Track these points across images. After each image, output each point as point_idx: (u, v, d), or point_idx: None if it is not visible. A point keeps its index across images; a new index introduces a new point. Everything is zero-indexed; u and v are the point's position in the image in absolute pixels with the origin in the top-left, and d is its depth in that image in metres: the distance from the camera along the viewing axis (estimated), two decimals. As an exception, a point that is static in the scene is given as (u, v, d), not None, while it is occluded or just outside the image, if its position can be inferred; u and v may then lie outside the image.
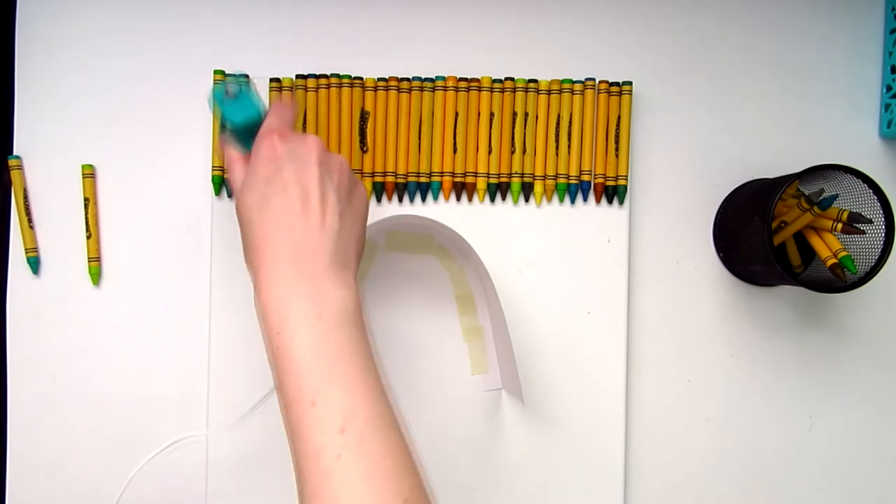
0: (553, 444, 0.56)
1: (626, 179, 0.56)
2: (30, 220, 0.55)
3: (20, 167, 0.55)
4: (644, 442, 0.57)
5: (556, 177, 0.56)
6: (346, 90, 0.55)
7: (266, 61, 0.56)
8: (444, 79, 0.56)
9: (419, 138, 0.56)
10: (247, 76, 0.55)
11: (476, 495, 0.56)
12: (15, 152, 0.56)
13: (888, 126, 0.57)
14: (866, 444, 0.57)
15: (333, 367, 0.36)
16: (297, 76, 0.56)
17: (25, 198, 0.55)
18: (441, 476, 0.56)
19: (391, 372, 0.56)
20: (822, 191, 0.52)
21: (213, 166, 0.55)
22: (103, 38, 0.56)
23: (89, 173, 0.56)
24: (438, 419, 0.56)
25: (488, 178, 0.56)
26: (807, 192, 0.52)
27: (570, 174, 0.56)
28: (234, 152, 0.45)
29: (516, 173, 0.56)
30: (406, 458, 0.36)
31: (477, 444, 0.56)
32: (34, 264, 0.55)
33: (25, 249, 0.55)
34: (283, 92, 0.55)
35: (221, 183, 0.55)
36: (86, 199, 0.56)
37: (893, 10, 0.57)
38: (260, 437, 0.55)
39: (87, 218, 0.56)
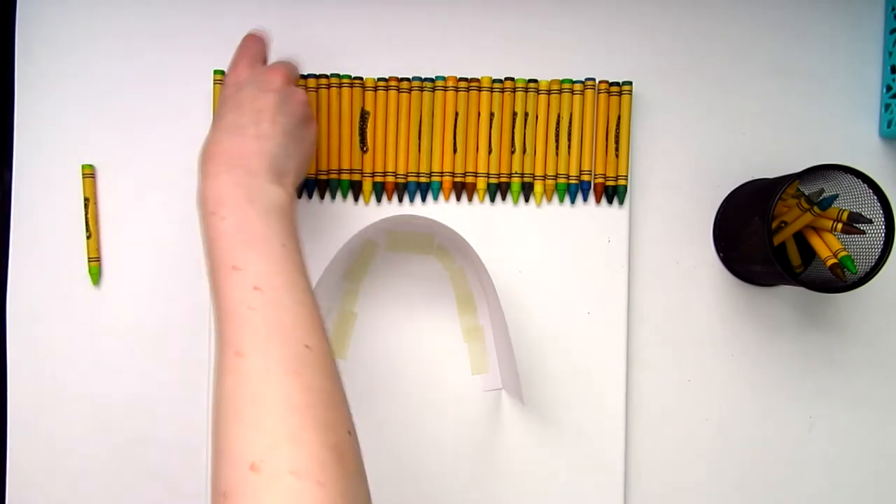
0: (553, 444, 0.56)
1: (626, 179, 0.56)
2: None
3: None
4: (644, 442, 0.57)
5: (556, 177, 0.56)
6: (346, 90, 0.55)
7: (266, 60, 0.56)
8: (444, 79, 0.56)
9: (419, 138, 0.56)
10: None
11: (476, 495, 0.56)
12: (15, 152, 0.56)
13: (888, 126, 0.57)
14: (866, 443, 0.57)
15: (255, 241, 0.42)
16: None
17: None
18: (441, 476, 0.56)
19: (391, 372, 0.56)
20: (822, 191, 0.52)
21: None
22: (103, 39, 0.56)
23: (89, 173, 0.56)
24: (438, 419, 0.56)
25: (488, 178, 0.56)
26: (807, 192, 0.52)
27: (570, 174, 0.56)
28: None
29: (516, 173, 0.56)
30: (314, 317, 0.41)
31: (477, 444, 0.56)
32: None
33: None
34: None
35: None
36: (86, 199, 0.56)
37: (893, 10, 0.57)
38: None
39: (87, 218, 0.56)
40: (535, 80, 0.56)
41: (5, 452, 0.56)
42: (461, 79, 0.56)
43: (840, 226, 0.51)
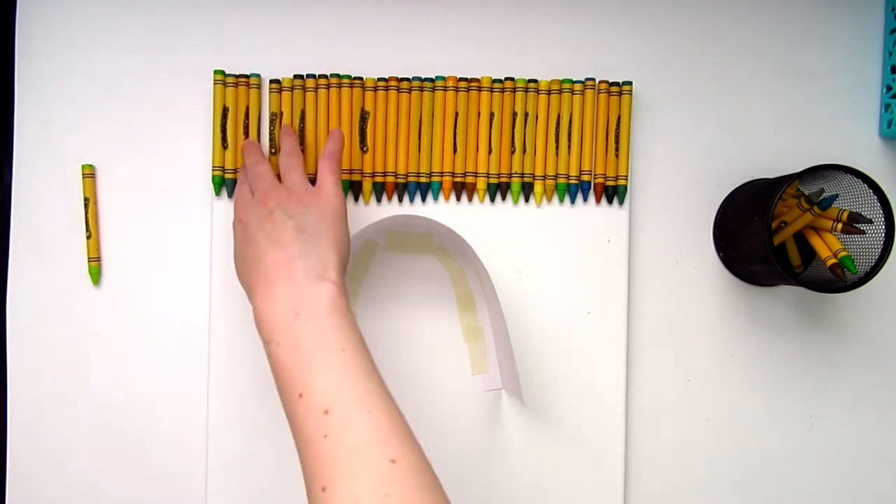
0: (553, 444, 0.56)
1: (626, 179, 0.56)
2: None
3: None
4: (644, 442, 0.57)
5: (556, 177, 0.56)
6: (346, 90, 0.55)
7: (266, 61, 0.56)
8: (444, 79, 0.56)
9: (419, 138, 0.56)
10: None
11: (476, 494, 0.56)
12: (15, 152, 0.56)
13: (888, 126, 0.57)
14: (866, 443, 0.57)
15: (312, 359, 0.40)
16: (296, 76, 0.56)
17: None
18: (441, 475, 0.56)
19: (391, 372, 0.56)
20: (822, 191, 0.52)
21: (213, 166, 0.55)
22: (103, 39, 0.56)
23: (89, 173, 0.56)
24: (438, 419, 0.56)
25: (488, 178, 0.56)
26: (807, 192, 0.52)
27: (570, 174, 0.56)
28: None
29: (516, 173, 0.56)
30: (393, 424, 0.39)
31: (476, 444, 0.56)
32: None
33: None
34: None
35: (221, 183, 0.55)
36: (86, 199, 0.56)
37: (893, 9, 0.57)
38: (260, 436, 0.55)
39: (87, 218, 0.56)
40: (535, 81, 0.56)
41: (5, 452, 0.56)
42: (461, 79, 0.56)
43: (840, 226, 0.51)
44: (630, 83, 0.56)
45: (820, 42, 0.58)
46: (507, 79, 0.56)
